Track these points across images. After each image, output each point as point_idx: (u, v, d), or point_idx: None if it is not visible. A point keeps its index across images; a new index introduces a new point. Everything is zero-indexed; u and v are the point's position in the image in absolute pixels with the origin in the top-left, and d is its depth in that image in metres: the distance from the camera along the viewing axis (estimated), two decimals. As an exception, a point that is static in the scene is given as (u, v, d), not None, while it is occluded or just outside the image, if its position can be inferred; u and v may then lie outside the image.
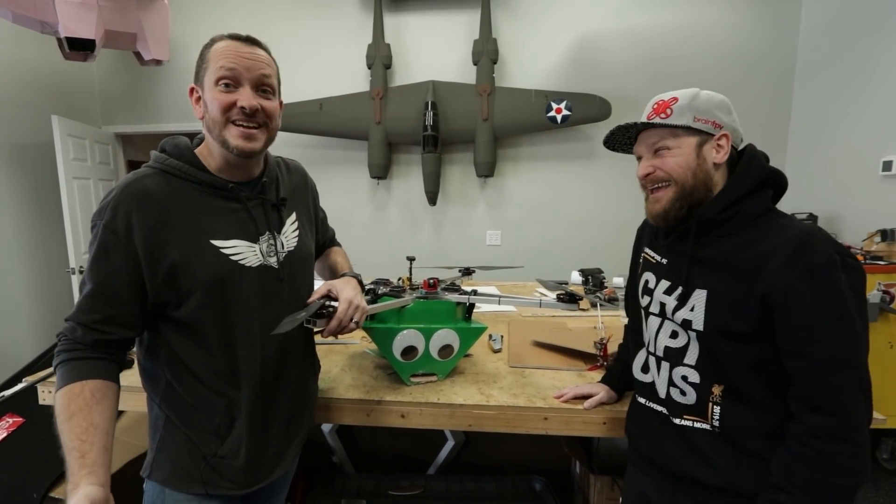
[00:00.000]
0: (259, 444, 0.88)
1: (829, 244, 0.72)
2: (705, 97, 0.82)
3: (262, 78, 0.82)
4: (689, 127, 0.81)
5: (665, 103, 0.83)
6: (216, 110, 0.79)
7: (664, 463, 0.88)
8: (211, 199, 0.83)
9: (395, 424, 1.10)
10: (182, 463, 0.84)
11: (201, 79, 0.81)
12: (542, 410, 1.06)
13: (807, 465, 0.71)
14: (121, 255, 0.75)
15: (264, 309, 0.86)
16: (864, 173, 2.59)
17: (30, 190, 3.15)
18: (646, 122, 0.84)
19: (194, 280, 0.79)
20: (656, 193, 0.86)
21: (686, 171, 0.82)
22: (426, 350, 1.14)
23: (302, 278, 0.96)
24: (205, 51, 0.82)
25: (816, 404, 0.71)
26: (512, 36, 3.32)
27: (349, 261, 1.18)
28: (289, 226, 0.94)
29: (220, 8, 3.50)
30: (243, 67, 0.79)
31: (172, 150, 0.84)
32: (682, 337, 0.85)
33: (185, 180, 0.82)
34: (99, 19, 2.53)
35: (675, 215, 0.84)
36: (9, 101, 2.99)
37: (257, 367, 0.86)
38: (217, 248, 0.81)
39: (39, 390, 1.20)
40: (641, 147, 0.88)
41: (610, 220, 3.39)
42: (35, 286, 3.20)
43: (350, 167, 3.55)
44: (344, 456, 1.87)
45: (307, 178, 1.07)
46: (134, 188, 0.77)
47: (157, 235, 0.77)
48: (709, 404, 0.82)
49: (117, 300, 0.76)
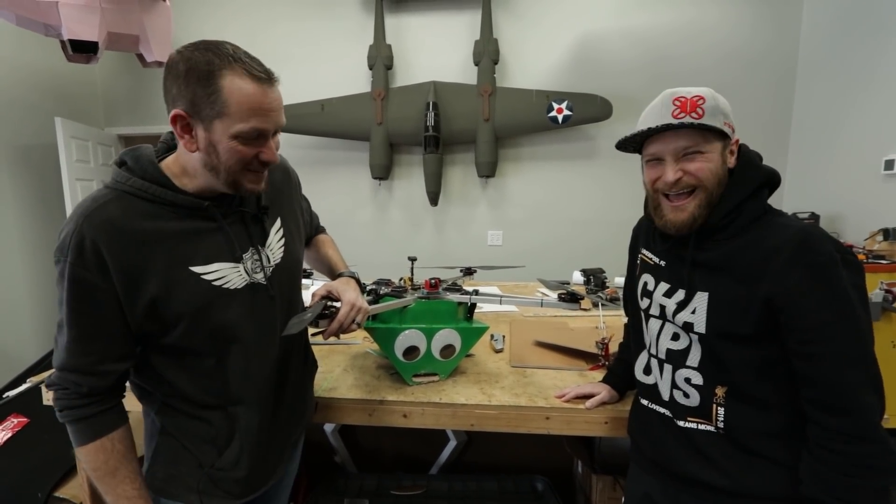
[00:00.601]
0: (260, 456, 0.87)
1: (829, 242, 0.72)
2: (722, 99, 0.78)
3: (278, 123, 0.75)
4: (721, 131, 0.77)
5: (692, 101, 0.76)
6: (234, 162, 0.72)
7: (668, 465, 0.88)
8: (183, 221, 0.75)
9: (397, 424, 1.10)
10: (177, 471, 0.83)
11: (205, 117, 0.69)
12: (543, 410, 1.06)
13: (838, 472, 0.69)
14: (100, 292, 0.69)
15: (257, 327, 0.83)
16: (865, 172, 2.58)
17: (33, 191, 3.17)
18: (682, 122, 0.76)
19: (177, 311, 0.74)
20: (680, 202, 0.80)
21: (715, 178, 0.78)
22: (428, 350, 1.14)
23: (295, 288, 0.94)
24: (210, 79, 0.67)
25: (832, 405, 0.70)
26: (513, 36, 3.33)
27: (340, 253, 1.16)
28: (273, 236, 0.88)
29: (222, 9, 3.52)
30: (272, 123, 0.72)
31: (135, 167, 0.74)
32: (684, 339, 0.85)
33: (153, 202, 0.73)
34: (102, 22, 2.54)
35: (700, 223, 0.80)
36: (13, 103, 3.01)
37: (254, 383, 0.84)
38: (198, 276, 0.75)
39: (44, 390, 1.21)
40: (667, 148, 0.79)
41: (611, 220, 3.39)
42: (38, 287, 3.21)
43: (351, 168, 3.56)
44: (346, 456, 1.88)
45: (289, 171, 0.98)
46: (96, 219, 0.68)
47: (132, 269, 0.70)
48: (713, 406, 0.81)
49: (108, 336, 0.72)
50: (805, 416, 0.74)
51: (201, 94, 0.68)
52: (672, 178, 0.79)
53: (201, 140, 0.71)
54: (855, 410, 0.69)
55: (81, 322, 0.70)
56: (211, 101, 0.68)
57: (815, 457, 0.72)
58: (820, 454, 0.71)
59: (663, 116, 0.78)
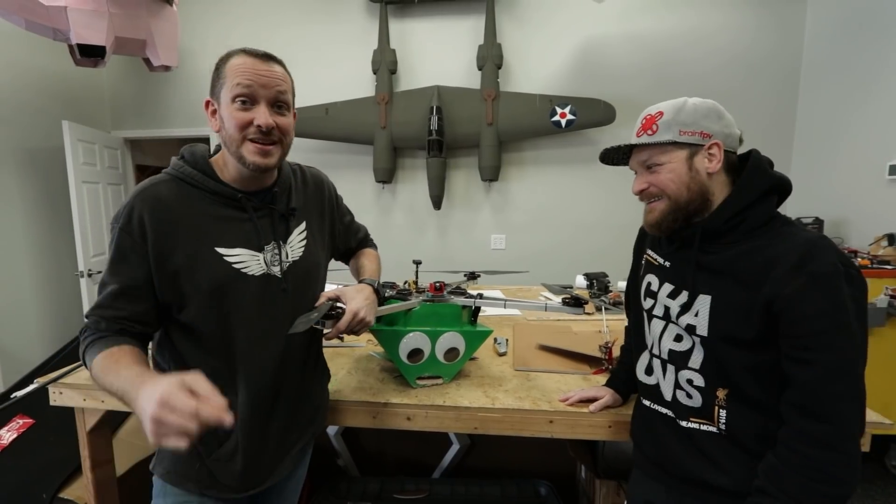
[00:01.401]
0: (255, 450, 0.89)
1: (834, 254, 0.73)
2: (691, 108, 0.81)
3: (277, 95, 0.82)
4: (675, 142, 0.81)
5: (651, 118, 0.84)
6: (233, 128, 0.80)
7: (671, 466, 0.88)
8: (219, 208, 0.85)
9: (401, 427, 1.10)
10: (179, 459, 0.88)
11: (217, 93, 0.82)
12: (547, 413, 1.07)
13: (795, 471, 0.71)
14: (138, 256, 0.79)
15: (265, 317, 0.87)
16: (870, 177, 2.58)
17: (40, 194, 3.20)
18: (632, 144, 0.86)
19: (196, 285, 0.81)
20: (651, 204, 0.88)
21: (680, 185, 0.82)
22: (432, 353, 1.15)
23: (307, 287, 0.95)
24: (220, 65, 0.82)
25: (812, 411, 0.71)
26: (516, 41, 3.34)
27: (377, 263, 1.17)
28: (295, 235, 0.94)
29: (228, 14, 3.55)
30: (259, 85, 0.80)
31: (189, 158, 0.86)
32: (687, 341, 0.86)
33: (197, 188, 0.84)
34: (109, 26, 2.57)
35: (669, 226, 0.86)
36: (22, 106, 3.04)
37: (256, 374, 0.87)
38: (220, 256, 0.83)
39: (51, 391, 1.22)
40: (634, 163, 0.90)
41: (614, 224, 3.39)
42: (45, 289, 3.23)
43: (355, 171, 3.57)
44: (349, 459, 1.88)
45: (324, 185, 1.07)
46: (148, 193, 0.81)
47: (165, 240, 0.79)
48: (714, 408, 0.82)
49: (138, 298, 0.80)
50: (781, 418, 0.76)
51: (215, 78, 0.82)
52: (636, 188, 0.89)
53: (218, 117, 0.83)
54: (836, 420, 0.70)
55: (119, 280, 0.79)
56: (220, 78, 0.81)
57: (778, 455, 0.74)
58: (783, 453, 0.73)
59: (633, 135, 0.87)
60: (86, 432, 1.24)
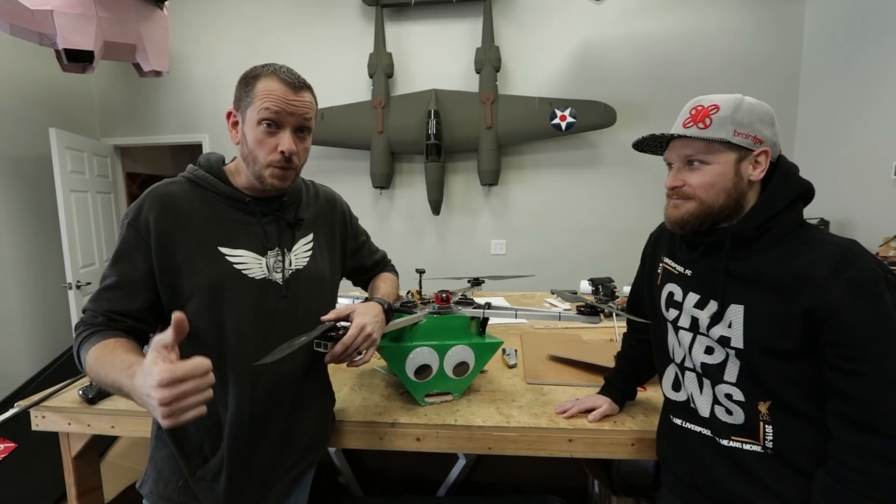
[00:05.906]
0: (241, 471, 0.84)
1: (871, 259, 0.70)
2: (748, 107, 0.76)
3: (303, 122, 0.84)
4: (728, 142, 0.76)
5: (705, 110, 0.77)
6: (256, 149, 0.82)
7: (712, 489, 0.82)
8: (228, 210, 0.86)
9: (410, 448, 1.04)
10: (163, 478, 0.86)
11: (243, 109, 0.83)
12: (566, 431, 1.00)
13: (856, 490, 0.67)
14: (140, 252, 0.80)
15: (262, 323, 0.85)
16: (875, 178, 2.54)
17: (27, 203, 3.09)
18: (678, 134, 0.79)
19: (196, 282, 0.81)
20: (678, 200, 0.83)
21: (719, 191, 0.77)
22: (440, 368, 1.08)
23: (310, 299, 0.92)
24: (251, 81, 0.82)
25: (869, 423, 0.67)
26: (515, 43, 3.30)
27: (392, 287, 1.14)
28: (301, 245, 0.93)
29: (221, 18, 3.48)
30: (288, 113, 0.81)
31: (203, 163, 0.89)
32: (719, 353, 0.81)
33: (208, 190, 0.86)
34: (98, 31, 2.49)
35: (693, 228, 0.81)
36: (6, 113, 2.95)
37: (247, 383, 0.84)
38: (223, 255, 0.83)
39: (32, 416, 1.14)
40: (673, 155, 0.83)
41: (616, 227, 3.34)
42: (31, 302, 3.12)
43: (352, 177, 3.51)
44: (351, 477, 1.80)
45: (337, 203, 1.07)
46: (159, 191, 0.83)
47: (169, 236, 0.80)
48: (759, 423, 0.77)
49: (135, 294, 0.80)
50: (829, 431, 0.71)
51: (243, 92, 0.83)
52: (670, 183, 0.83)
53: (241, 131, 0.84)
54: (892, 434, 0.66)
55: (119, 273, 0.80)
56: (248, 96, 0.82)
57: (833, 473, 0.69)
58: (838, 471, 0.69)
59: (677, 124, 0.80)
60: (71, 458, 1.16)
